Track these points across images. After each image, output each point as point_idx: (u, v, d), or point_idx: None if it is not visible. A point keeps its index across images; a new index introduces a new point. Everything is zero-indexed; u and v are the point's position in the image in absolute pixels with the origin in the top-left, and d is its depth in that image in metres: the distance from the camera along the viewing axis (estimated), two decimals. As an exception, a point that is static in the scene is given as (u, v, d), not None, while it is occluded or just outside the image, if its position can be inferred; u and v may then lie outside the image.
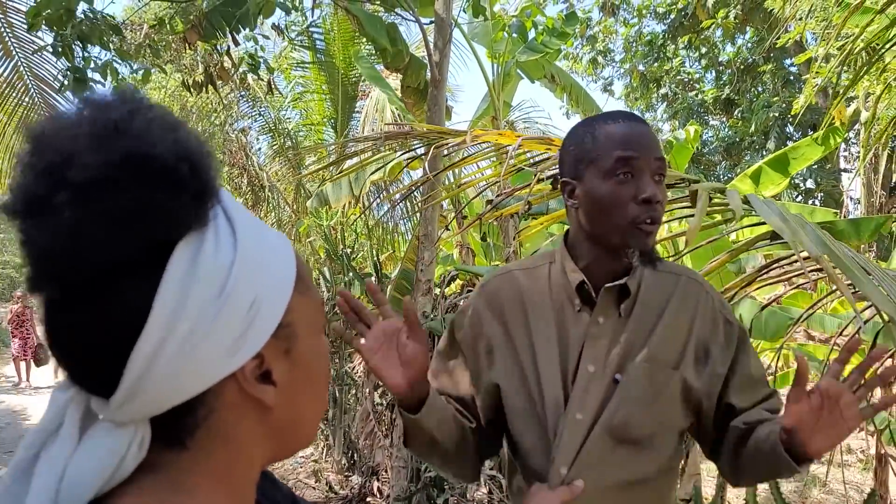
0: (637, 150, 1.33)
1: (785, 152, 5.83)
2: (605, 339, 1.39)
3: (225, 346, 0.58)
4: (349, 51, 9.28)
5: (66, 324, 0.57)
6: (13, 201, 0.55)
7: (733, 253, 2.73)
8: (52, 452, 0.56)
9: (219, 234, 0.59)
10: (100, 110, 0.57)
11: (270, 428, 0.64)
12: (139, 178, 0.54)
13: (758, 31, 16.01)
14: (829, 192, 14.75)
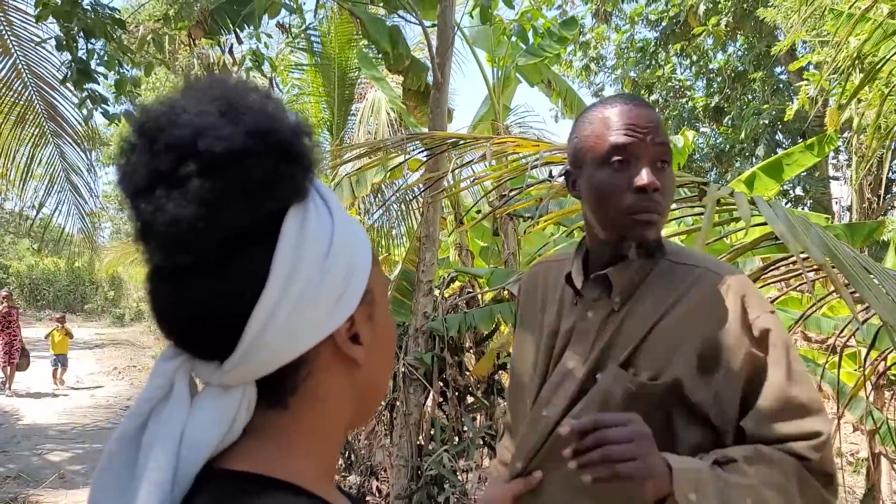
0: (634, 134, 1.25)
1: (779, 158, 5.90)
2: (590, 335, 1.31)
3: (328, 307, 0.63)
4: (346, 53, 9.31)
5: (191, 290, 0.60)
6: (133, 177, 0.59)
7: (735, 254, 2.78)
8: (165, 418, 0.60)
9: (317, 204, 0.65)
10: (220, 90, 0.61)
11: (356, 388, 0.69)
12: (268, 149, 0.60)
13: (748, 40, 16.16)
14: (818, 199, 14.88)
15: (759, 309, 1.24)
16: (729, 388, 1.22)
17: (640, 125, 1.25)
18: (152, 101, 0.63)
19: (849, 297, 1.36)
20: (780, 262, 2.65)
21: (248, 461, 0.62)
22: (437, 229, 4.98)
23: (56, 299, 32.42)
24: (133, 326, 27.14)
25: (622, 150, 1.24)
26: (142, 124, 0.60)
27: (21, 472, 6.66)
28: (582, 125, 1.34)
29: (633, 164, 1.24)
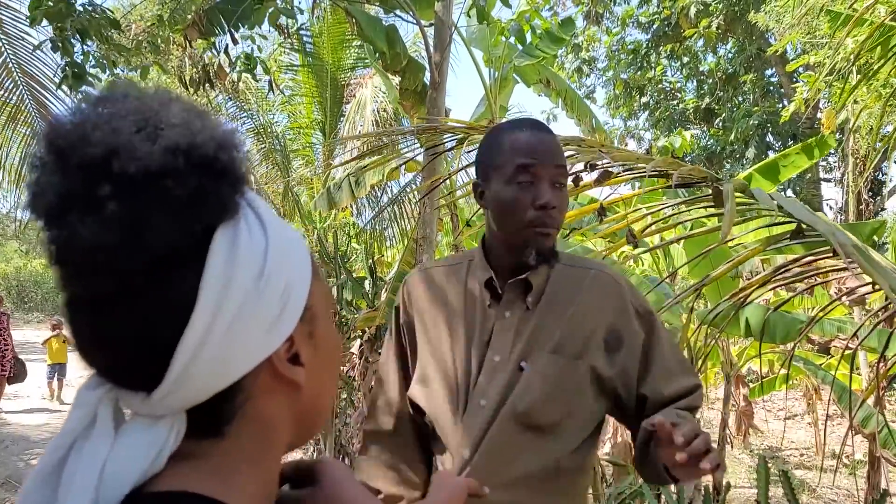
0: (537, 157, 1.42)
1: (775, 160, 5.89)
2: (511, 331, 1.48)
3: (264, 328, 0.60)
4: (338, 54, 9.25)
5: (113, 318, 0.56)
6: (43, 200, 0.54)
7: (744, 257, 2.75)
8: (86, 451, 0.56)
9: (249, 220, 0.60)
10: (135, 103, 0.57)
11: (297, 411, 0.66)
12: (190, 166, 0.55)
13: (739, 42, 16.22)
14: (809, 201, 14.95)
15: (636, 296, 1.55)
16: (630, 362, 1.49)
17: (543, 150, 1.44)
18: (63, 114, 0.58)
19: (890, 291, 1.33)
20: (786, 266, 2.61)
21: (175, 483, 0.58)
22: (434, 230, 4.94)
23: (44, 301, 32.15)
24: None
25: (528, 171, 1.42)
26: (51, 140, 0.55)
27: (9, 478, 6.56)
28: (491, 144, 1.51)
29: (536, 184, 1.42)
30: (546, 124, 1.51)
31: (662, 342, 1.52)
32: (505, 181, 1.44)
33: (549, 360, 1.45)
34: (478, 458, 1.43)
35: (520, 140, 1.44)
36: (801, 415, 10.27)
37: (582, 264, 1.57)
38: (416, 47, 8.80)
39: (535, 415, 1.43)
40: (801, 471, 7.53)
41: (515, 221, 1.44)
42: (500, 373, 1.46)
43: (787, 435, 9.30)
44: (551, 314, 1.48)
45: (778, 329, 3.59)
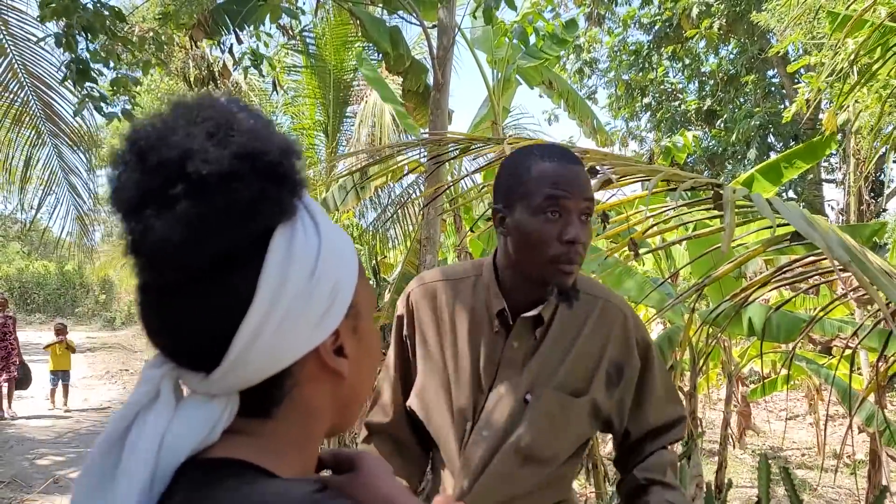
0: (567, 190, 1.36)
1: (777, 161, 5.91)
2: (518, 364, 1.47)
3: (313, 322, 0.65)
4: (341, 55, 9.29)
5: (179, 307, 0.62)
6: (124, 195, 0.60)
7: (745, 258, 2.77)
8: (149, 422, 0.62)
9: (305, 222, 0.66)
10: (209, 110, 0.62)
11: (339, 399, 0.72)
12: (254, 171, 0.61)
13: (740, 43, 16.25)
14: (810, 202, 14.96)
15: (639, 328, 1.55)
16: (627, 395, 1.52)
17: (574, 182, 1.37)
18: (143, 118, 0.64)
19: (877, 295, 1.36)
20: (788, 266, 2.64)
21: (226, 452, 0.64)
22: (437, 231, 4.96)
23: (46, 303, 32.21)
24: (124, 330, 27.00)
25: (557, 203, 1.36)
26: (133, 141, 0.61)
27: (15, 478, 6.59)
28: (518, 170, 1.43)
29: (564, 218, 1.36)
30: (571, 154, 1.44)
31: (655, 374, 1.55)
32: (530, 212, 1.37)
33: (553, 397, 1.45)
34: (477, 487, 1.46)
35: (549, 170, 1.38)
36: (803, 415, 10.28)
37: (590, 291, 1.54)
38: (418, 49, 8.83)
39: (535, 449, 1.45)
40: (802, 470, 7.55)
41: (538, 255, 1.38)
42: (505, 405, 1.46)
43: (788, 435, 9.31)
44: (558, 348, 1.48)
45: (781, 328, 3.62)
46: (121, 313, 29.99)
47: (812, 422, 8.95)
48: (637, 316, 1.58)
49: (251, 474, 0.63)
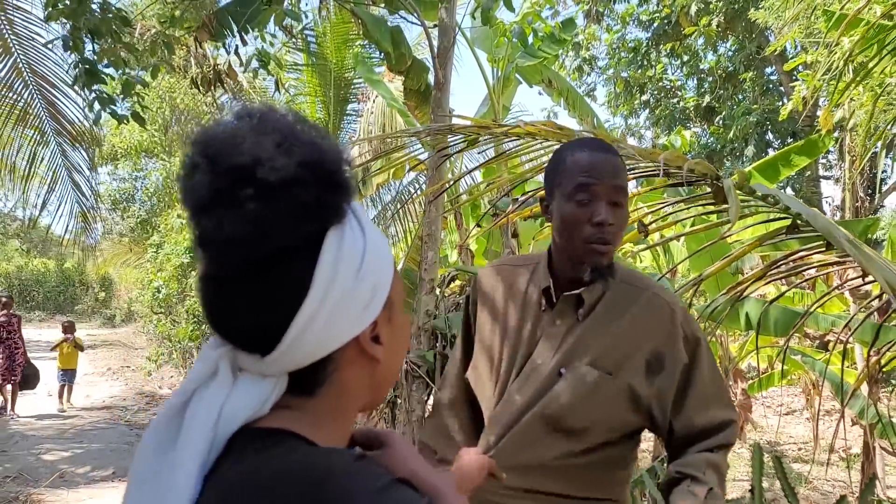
0: (596, 177, 1.49)
1: (774, 158, 5.99)
2: (558, 339, 1.59)
3: (356, 313, 0.74)
4: (342, 53, 9.34)
5: (241, 295, 0.71)
6: (196, 194, 0.69)
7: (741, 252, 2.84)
8: (207, 396, 0.72)
9: (353, 225, 0.75)
10: (274, 119, 0.71)
11: (373, 380, 0.81)
12: (314, 178, 0.69)
13: (739, 40, 16.30)
14: (808, 199, 15.02)
15: (689, 323, 1.62)
16: (668, 385, 1.56)
17: (603, 169, 1.50)
18: (212, 125, 0.73)
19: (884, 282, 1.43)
20: (783, 259, 2.71)
21: (275, 424, 0.73)
22: (438, 228, 5.03)
23: (46, 300, 32.24)
24: (124, 327, 27.02)
25: (587, 190, 1.50)
26: (204, 147, 0.69)
27: (21, 472, 6.66)
28: (557, 162, 1.59)
29: (594, 202, 1.50)
30: (610, 145, 1.58)
31: (704, 369, 1.59)
32: (566, 198, 1.52)
33: (585, 371, 1.55)
34: (501, 445, 1.58)
35: (580, 159, 1.52)
36: (801, 410, 10.37)
37: (639, 283, 1.65)
38: (419, 49, 8.88)
39: (562, 419, 1.55)
40: (798, 464, 7.63)
41: (574, 237, 1.52)
42: (538, 374, 1.58)
43: (786, 430, 9.40)
44: (597, 329, 1.58)
45: (778, 322, 3.69)
46: (120, 311, 29.98)
47: (809, 417, 9.03)
48: (687, 311, 1.66)
49: (296, 442, 0.71)
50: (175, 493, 0.67)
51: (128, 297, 27.96)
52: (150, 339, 16.31)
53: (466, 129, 2.33)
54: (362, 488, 0.65)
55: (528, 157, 2.50)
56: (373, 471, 0.68)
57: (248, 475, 0.67)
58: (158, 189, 15.33)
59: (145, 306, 14.83)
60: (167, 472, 0.69)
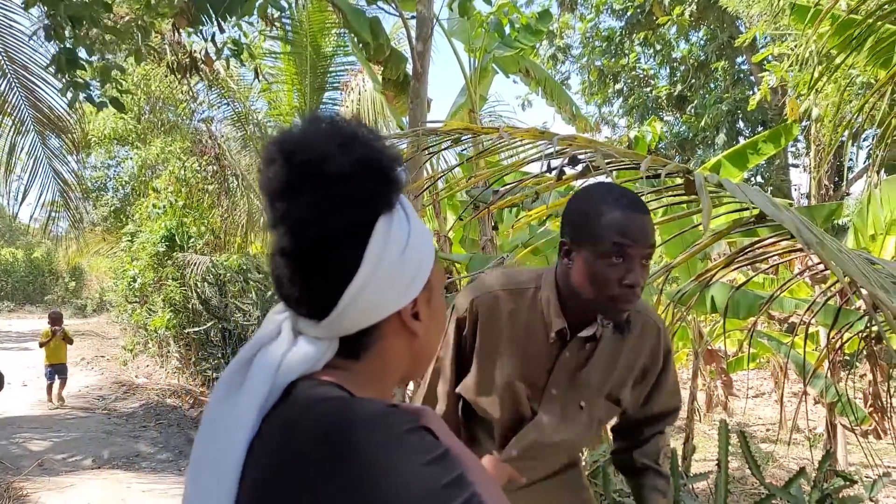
0: (633, 239, 1.50)
1: (743, 147, 6.15)
2: (571, 371, 1.70)
3: (400, 290, 0.88)
4: (318, 41, 9.35)
5: (305, 268, 0.85)
6: (273, 183, 0.83)
7: (711, 240, 2.97)
8: (271, 350, 0.86)
9: (400, 215, 0.88)
10: (340, 124, 0.86)
11: (412, 353, 0.93)
12: (370, 174, 0.83)
13: (710, 29, 16.51)
14: (777, 186, 15.32)
15: (667, 338, 1.77)
16: (642, 393, 1.79)
17: (640, 232, 1.51)
18: (289, 126, 0.89)
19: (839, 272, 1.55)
20: (750, 247, 2.84)
21: (325, 377, 0.87)
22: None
23: (14, 290, 31.79)
24: (96, 317, 26.76)
25: (622, 250, 1.50)
26: (281, 144, 0.84)
27: (0, 460, 6.66)
28: (589, 212, 1.55)
29: (627, 262, 1.51)
30: (642, 201, 1.57)
31: (670, 374, 1.81)
32: (597, 255, 1.52)
33: (604, 405, 1.74)
34: (524, 460, 1.74)
35: (618, 219, 1.50)
36: (769, 393, 10.64)
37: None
38: (396, 39, 8.92)
39: (578, 445, 1.82)
40: (766, 444, 7.87)
41: (600, 292, 1.54)
42: (556, 405, 1.72)
43: (755, 412, 9.65)
44: (606, 361, 1.71)
45: (741, 306, 3.85)
46: (92, 300, 29.68)
47: (777, 399, 9.29)
48: (666, 327, 1.83)
49: (341, 392, 0.84)
50: (238, 428, 0.80)
51: (100, 287, 27.72)
52: (125, 329, 16.20)
53: (453, 131, 2.42)
54: (390, 428, 0.75)
55: (508, 153, 2.60)
56: (401, 416, 0.78)
57: (302, 413, 0.80)
58: (133, 177, 15.17)
59: (119, 296, 14.73)
60: (232, 410, 0.82)
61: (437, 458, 0.74)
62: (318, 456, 0.74)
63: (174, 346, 11.74)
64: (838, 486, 2.54)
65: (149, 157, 13.67)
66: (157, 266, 11.72)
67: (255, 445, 0.81)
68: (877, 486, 2.55)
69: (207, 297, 10.04)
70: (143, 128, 13.81)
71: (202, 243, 11.50)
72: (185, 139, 12.26)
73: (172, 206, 11.47)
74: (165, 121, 13.43)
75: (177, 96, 12.53)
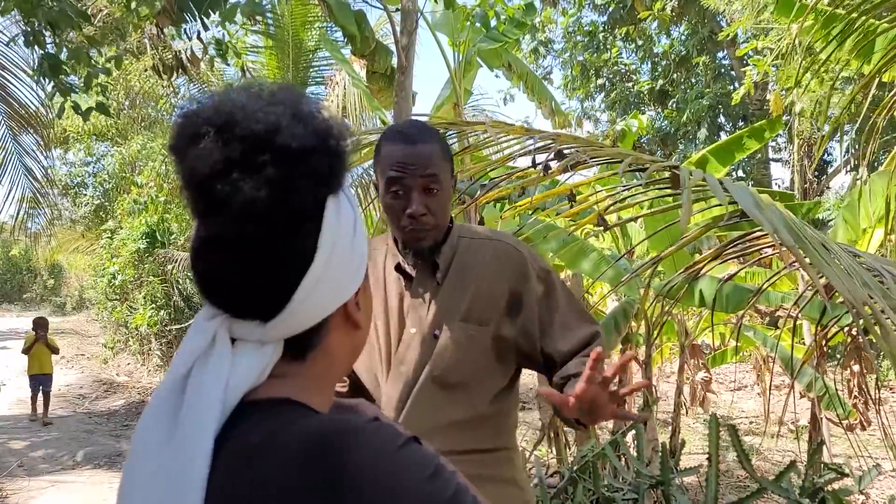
0: (405, 171, 1.55)
1: (728, 142, 6.16)
2: (424, 305, 1.65)
3: (350, 277, 0.78)
4: (300, 35, 9.27)
5: (252, 259, 0.72)
6: (205, 161, 0.70)
7: (699, 233, 2.97)
8: (211, 366, 0.72)
9: (346, 195, 0.78)
10: (285, 95, 0.75)
11: (352, 346, 0.84)
12: (327, 148, 0.73)
13: (692, 24, 16.58)
14: (759, 181, 15.43)
15: (535, 260, 1.72)
16: (530, 321, 1.66)
17: (411, 162, 1.56)
18: (209, 97, 0.74)
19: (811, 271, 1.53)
20: (737, 241, 2.84)
21: (275, 392, 0.75)
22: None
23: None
24: (75, 315, 26.47)
25: (396, 183, 1.57)
26: (208, 117, 0.71)
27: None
28: (376, 150, 1.65)
29: (406, 194, 1.57)
30: (426, 130, 1.63)
31: (559, 297, 1.70)
32: (384, 189, 1.59)
33: (459, 327, 1.63)
34: (405, 413, 1.61)
35: (391, 153, 1.58)
36: (751, 385, 10.73)
37: (485, 236, 1.75)
38: (381, 33, 8.86)
39: (448, 376, 1.61)
40: (750, 437, 7.92)
41: (393, 225, 1.62)
42: (416, 342, 1.64)
43: (738, 405, 9.73)
44: (456, 287, 1.66)
45: (730, 299, 3.86)
46: (71, 298, 29.35)
47: (759, 392, 9.36)
48: (532, 250, 1.77)
49: (302, 409, 0.74)
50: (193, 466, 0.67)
51: (79, 285, 27.44)
52: (106, 327, 16.03)
53: (439, 124, 2.39)
54: (382, 446, 0.67)
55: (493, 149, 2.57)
56: (390, 430, 0.70)
57: (268, 438, 0.69)
58: (114, 174, 14.99)
59: (99, 293, 14.56)
60: (178, 446, 0.69)
61: (436, 471, 0.68)
62: (307, 486, 0.65)
63: (156, 343, 11.62)
64: (829, 479, 2.54)
65: (129, 154, 13.49)
66: (138, 263, 11.59)
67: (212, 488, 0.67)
68: (866, 478, 2.55)
69: (189, 293, 9.95)
70: (123, 124, 13.64)
71: (184, 239, 11.39)
72: (166, 135, 12.11)
73: (153, 201, 11.34)
74: (146, 116, 13.26)
75: (157, 91, 12.38)
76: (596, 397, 1.34)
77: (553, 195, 2.88)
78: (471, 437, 1.63)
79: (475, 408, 1.63)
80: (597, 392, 1.33)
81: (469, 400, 1.63)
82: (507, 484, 1.68)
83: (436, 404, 1.61)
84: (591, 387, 1.33)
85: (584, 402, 1.35)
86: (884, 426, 3.75)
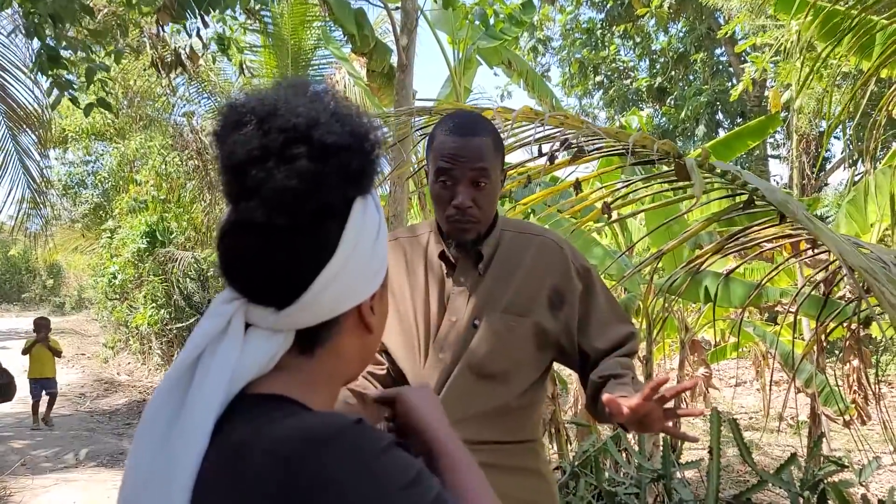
0: (453, 163, 1.58)
1: (727, 138, 6.19)
2: (465, 295, 1.68)
3: (367, 280, 0.81)
4: (300, 34, 9.27)
5: (277, 246, 0.74)
6: (243, 148, 0.73)
7: (701, 226, 2.99)
8: (220, 351, 0.73)
9: (373, 199, 0.82)
10: (332, 96, 0.79)
11: (363, 349, 0.85)
12: (362, 148, 0.77)
13: (689, 21, 16.59)
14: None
15: (577, 257, 1.74)
16: (571, 316, 1.68)
17: (461, 154, 1.58)
18: (257, 90, 0.79)
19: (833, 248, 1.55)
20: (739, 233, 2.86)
21: (274, 387, 0.76)
22: (404, 208, 5.10)
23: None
24: (75, 315, 26.46)
25: (445, 174, 1.60)
26: (253, 107, 0.74)
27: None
28: (430, 138, 1.67)
29: (454, 185, 1.60)
30: (474, 123, 1.64)
31: (598, 295, 1.73)
32: (434, 179, 1.62)
33: (499, 318, 1.64)
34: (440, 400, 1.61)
35: (443, 143, 1.60)
36: (751, 381, 10.75)
37: (529, 231, 1.77)
38: (381, 31, 8.86)
39: (486, 365, 1.63)
40: (749, 432, 7.95)
41: (439, 214, 1.65)
42: (456, 330, 1.66)
43: (737, 400, 9.75)
44: (498, 279, 1.68)
45: (736, 294, 3.88)
46: (70, 298, 29.34)
47: (759, 387, 9.38)
48: (573, 247, 1.78)
49: (293, 407, 0.74)
50: (188, 452, 0.69)
51: (79, 284, 27.41)
52: (106, 326, 16.02)
53: (445, 110, 2.40)
54: (364, 451, 0.67)
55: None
56: (371, 434, 0.70)
57: (254, 436, 0.70)
58: (113, 172, 14.98)
59: (99, 293, 14.56)
60: (179, 432, 0.71)
61: (416, 477, 0.68)
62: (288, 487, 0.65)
63: (156, 342, 11.62)
64: (829, 471, 2.57)
65: (128, 153, 13.49)
66: (138, 262, 11.59)
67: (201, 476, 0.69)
68: (866, 471, 2.58)
69: (190, 292, 9.96)
70: (122, 122, 13.63)
71: (184, 238, 11.39)
72: (165, 134, 12.12)
73: (154, 200, 11.34)
74: (144, 115, 13.25)
75: (156, 90, 12.39)
76: (651, 412, 1.39)
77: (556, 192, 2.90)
78: (501, 428, 1.65)
79: (508, 398, 1.66)
80: (653, 408, 1.39)
81: (503, 390, 1.65)
82: (533, 475, 1.70)
83: (471, 393, 1.64)
84: (648, 403, 1.37)
85: (638, 414, 1.39)
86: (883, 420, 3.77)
